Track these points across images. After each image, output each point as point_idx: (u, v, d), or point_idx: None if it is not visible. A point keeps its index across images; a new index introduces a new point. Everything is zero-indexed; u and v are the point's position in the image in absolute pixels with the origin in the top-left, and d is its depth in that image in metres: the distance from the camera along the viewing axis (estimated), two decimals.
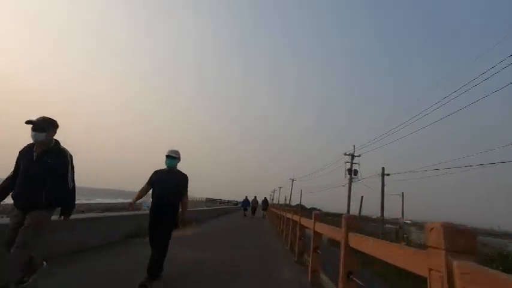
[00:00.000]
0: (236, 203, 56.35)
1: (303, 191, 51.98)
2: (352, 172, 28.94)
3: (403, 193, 36.96)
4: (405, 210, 36.41)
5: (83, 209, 22.54)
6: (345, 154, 29.10)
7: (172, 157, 4.14)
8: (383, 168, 19.94)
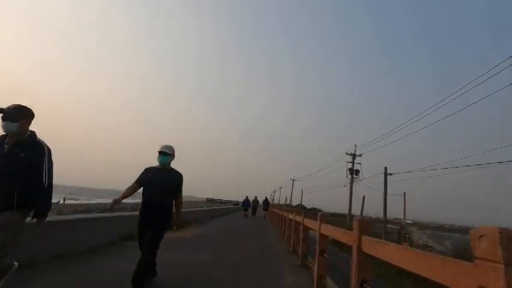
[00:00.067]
0: (236, 203, 56.05)
1: (303, 191, 51.73)
2: (353, 172, 28.67)
3: (405, 193, 36.65)
4: (406, 210, 36.07)
5: (83, 209, 22.26)
6: (347, 153, 28.81)
7: (165, 153, 3.72)
8: (385, 168, 19.66)
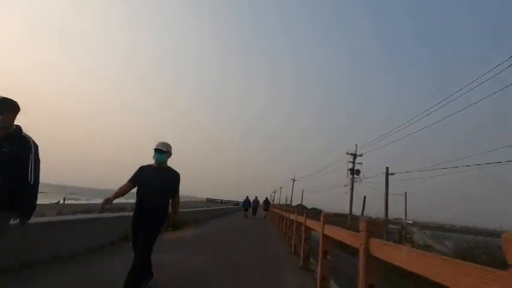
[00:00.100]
0: (237, 203, 55.93)
1: (304, 191, 51.57)
2: (354, 172, 28.52)
3: (406, 193, 36.52)
4: (406, 210, 35.97)
5: (83, 209, 22.09)
6: (347, 153, 28.66)
7: (161, 151, 3.49)
8: (387, 168, 19.49)
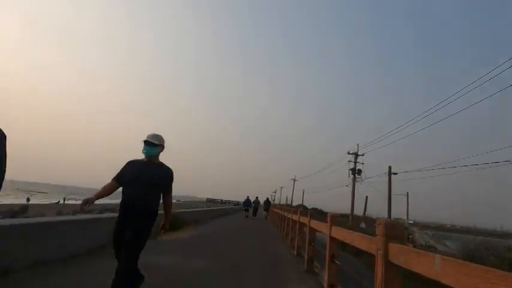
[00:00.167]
0: (237, 203, 55.67)
1: (304, 191, 51.33)
2: (355, 171, 28.23)
3: (407, 193, 36.29)
4: (405, 210, 35.76)
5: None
6: (349, 153, 28.38)
7: (152, 144, 2.95)
8: (389, 167, 19.21)
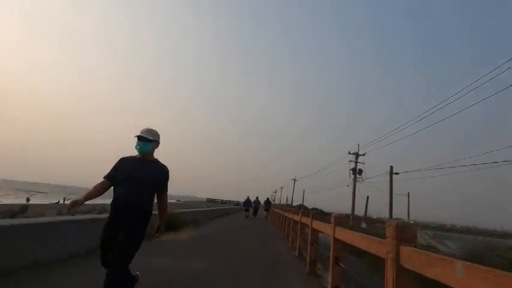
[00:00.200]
0: (237, 203, 55.53)
1: (305, 191, 51.23)
2: (356, 171, 28.12)
3: (409, 193, 36.20)
4: (405, 210, 35.68)
5: (83, 210, 21.63)
6: (350, 153, 28.27)
7: (146, 139, 2.67)
8: (391, 167, 19.08)
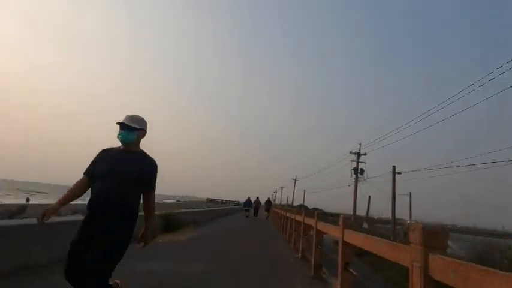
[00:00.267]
0: (237, 204, 55.26)
1: (305, 191, 50.98)
2: (358, 171, 27.83)
3: (410, 193, 35.93)
4: (406, 210, 35.46)
5: (83, 210, 21.39)
6: (351, 152, 27.99)
7: (129, 127, 2.18)
8: (394, 167, 18.78)
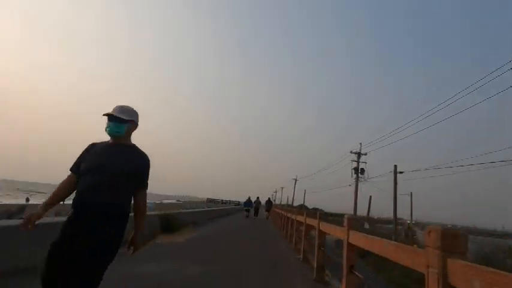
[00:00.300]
0: (238, 204, 55.10)
1: (306, 191, 50.85)
2: (358, 171, 27.68)
3: (411, 193, 35.74)
4: (406, 210, 35.30)
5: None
6: (351, 152, 27.84)
7: (118, 119, 2.01)
8: (395, 166, 18.60)
